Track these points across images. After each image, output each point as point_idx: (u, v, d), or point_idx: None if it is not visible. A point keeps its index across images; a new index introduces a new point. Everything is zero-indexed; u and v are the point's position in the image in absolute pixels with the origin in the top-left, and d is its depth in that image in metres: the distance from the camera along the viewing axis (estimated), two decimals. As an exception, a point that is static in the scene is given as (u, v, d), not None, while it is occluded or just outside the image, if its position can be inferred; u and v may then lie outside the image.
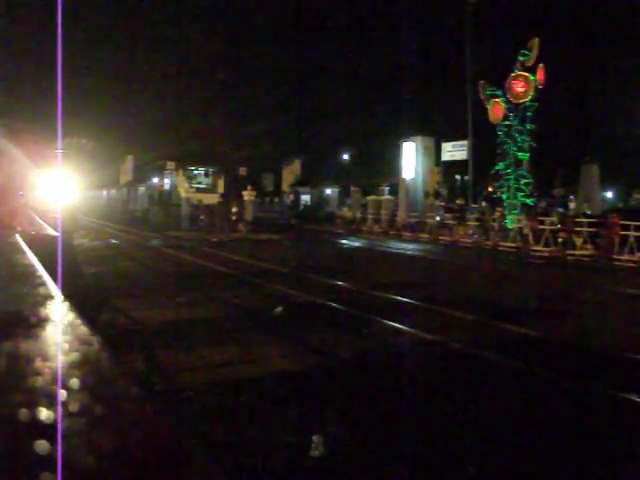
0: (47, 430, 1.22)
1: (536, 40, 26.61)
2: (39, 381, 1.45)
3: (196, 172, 48.64)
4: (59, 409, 1.26)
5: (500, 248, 23.96)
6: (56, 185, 13.42)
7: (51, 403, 1.32)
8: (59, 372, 1.50)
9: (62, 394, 1.31)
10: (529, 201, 27.33)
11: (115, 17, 53.31)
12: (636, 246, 19.15)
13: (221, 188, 46.75)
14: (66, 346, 1.86)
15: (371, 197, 37.21)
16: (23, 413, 1.30)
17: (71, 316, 4.82)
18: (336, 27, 58.30)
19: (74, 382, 1.46)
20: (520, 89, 26.85)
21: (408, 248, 24.13)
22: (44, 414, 1.31)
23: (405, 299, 11.21)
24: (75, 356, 1.74)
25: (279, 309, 9.77)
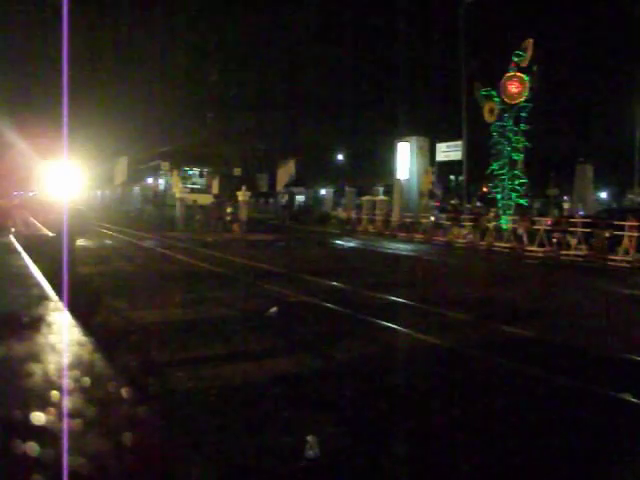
0: (40, 431, 1.22)
1: (530, 41, 26.67)
2: (32, 383, 1.46)
3: (190, 172, 48.54)
4: (53, 410, 1.26)
5: (494, 248, 24.01)
6: (59, 183, 13.35)
7: (44, 405, 1.32)
8: (53, 373, 1.50)
9: (55, 395, 1.31)
10: (523, 201, 27.40)
11: (114, 19, 53.28)
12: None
13: (215, 188, 46.64)
14: (60, 347, 1.86)
15: (366, 197, 37.25)
16: (14, 414, 1.30)
17: (65, 317, 4.83)
18: (331, 27, 58.32)
19: (68, 383, 1.47)
20: (514, 90, 26.91)
21: (402, 248, 24.15)
22: (36, 415, 1.32)
23: (399, 299, 11.22)
24: (69, 357, 1.74)
25: (273, 309, 9.76)
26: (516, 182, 27.21)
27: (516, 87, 26.84)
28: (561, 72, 41.21)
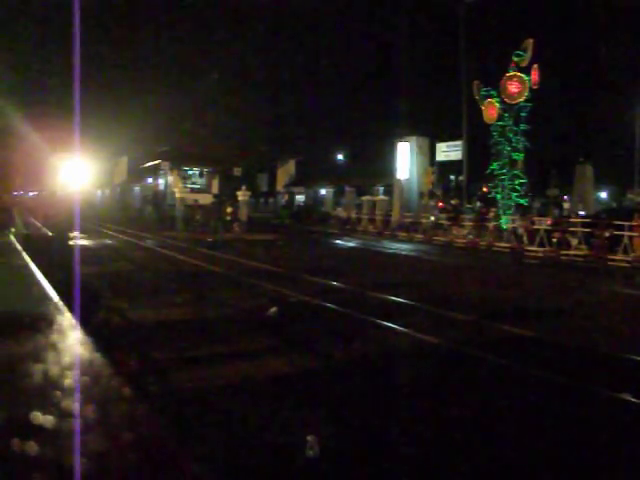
0: (42, 430, 1.23)
1: (530, 41, 26.66)
2: (34, 382, 1.46)
3: (190, 172, 48.52)
4: (54, 410, 1.26)
5: (495, 248, 24.01)
6: (66, 180, 13.36)
7: (46, 404, 1.33)
8: (54, 373, 1.51)
9: (57, 395, 1.31)
10: (523, 201, 27.39)
11: (116, 20, 53.34)
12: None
13: (215, 188, 46.65)
14: (62, 347, 1.87)
15: (366, 197, 37.25)
16: (18, 413, 1.30)
17: (65, 316, 4.84)
18: (331, 27, 58.35)
19: (69, 383, 1.47)
20: (514, 89, 26.89)
21: (403, 248, 24.15)
22: (39, 414, 1.32)
23: (399, 299, 11.22)
24: (70, 357, 1.75)
25: (273, 309, 9.76)
26: (516, 182, 27.19)
27: (516, 87, 26.83)
28: (561, 71, 41.18)
